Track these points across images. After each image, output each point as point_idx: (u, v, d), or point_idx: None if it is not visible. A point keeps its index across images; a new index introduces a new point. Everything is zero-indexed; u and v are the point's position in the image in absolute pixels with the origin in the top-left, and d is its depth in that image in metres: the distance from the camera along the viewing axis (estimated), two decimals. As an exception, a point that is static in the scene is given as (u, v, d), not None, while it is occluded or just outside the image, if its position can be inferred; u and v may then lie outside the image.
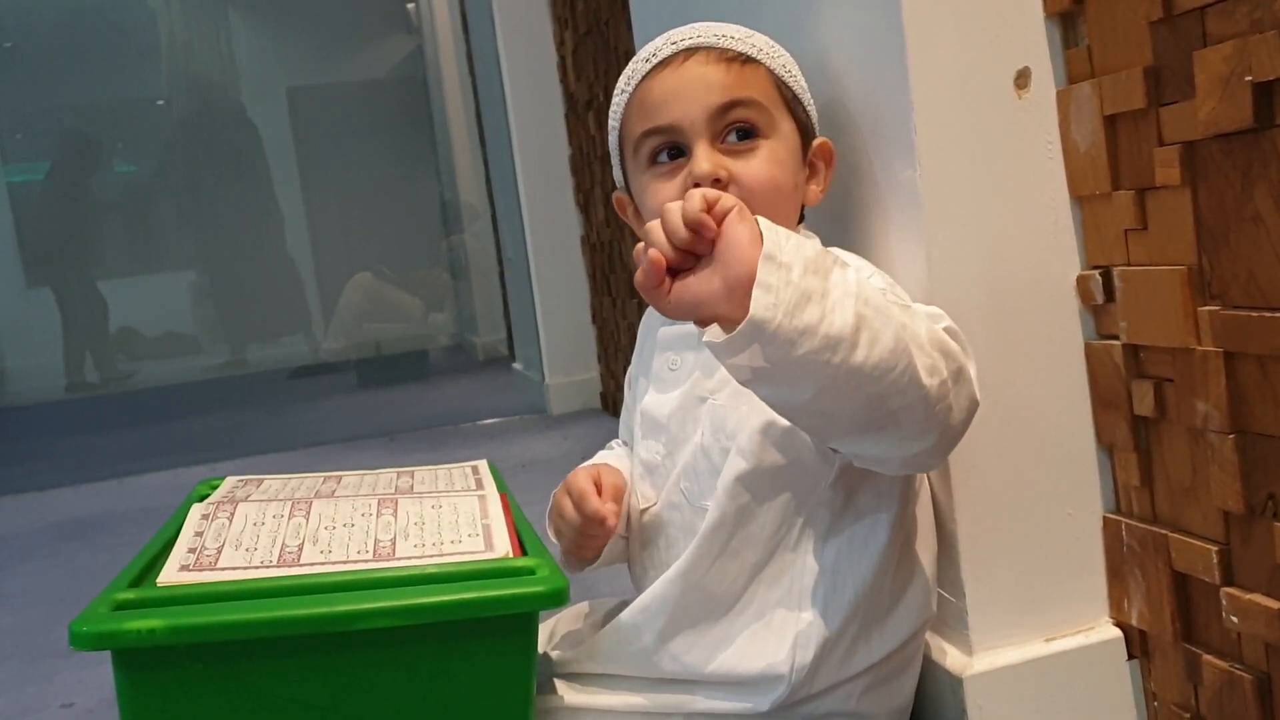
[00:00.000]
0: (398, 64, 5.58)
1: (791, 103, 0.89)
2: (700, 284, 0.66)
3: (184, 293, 5.62)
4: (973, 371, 0.73)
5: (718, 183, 0.84)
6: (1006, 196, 0.86)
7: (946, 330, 0.73)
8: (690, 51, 0.87)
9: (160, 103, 5.64)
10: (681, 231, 0.66)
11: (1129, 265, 0.82)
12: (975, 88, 0.85)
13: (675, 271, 0.67)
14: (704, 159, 0.84)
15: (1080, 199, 0.87)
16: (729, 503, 0.82)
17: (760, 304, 0.63)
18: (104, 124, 5.52)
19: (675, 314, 0.68)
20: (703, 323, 0.67)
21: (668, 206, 0.67)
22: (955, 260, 0.86)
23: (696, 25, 0.89)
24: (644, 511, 0.91)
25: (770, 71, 0.88)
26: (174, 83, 5.58)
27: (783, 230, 0.66)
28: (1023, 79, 0.86)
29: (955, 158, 0.85)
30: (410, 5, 5.34)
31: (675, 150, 0.87)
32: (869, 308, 0.65)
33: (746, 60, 0.87)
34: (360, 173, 5.45)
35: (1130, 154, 0.81)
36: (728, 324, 0.65)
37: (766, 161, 0.86)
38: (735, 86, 0.86)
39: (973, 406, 0.73)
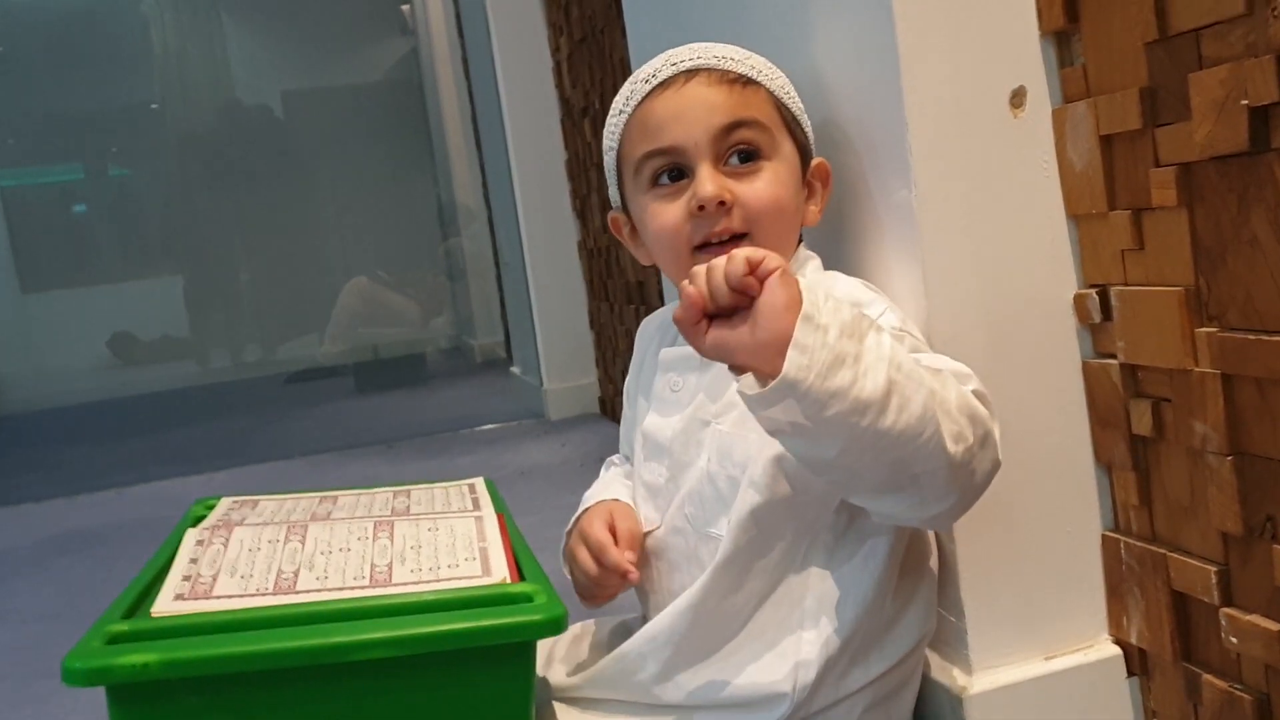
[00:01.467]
0: (392, 67, 5.57)
1: (791, 123, 0.89)
2: (737, 337, 0.67)
3: (179, 297, 5.61)
4: (997, 434, 0.73)
5: (722, 205, 0.84)
6: (1002, 216, 0.86)
7: (975, 393, 0.73)
8: (691, 73, 0.87)
9: (154, 107, 5.62)
10: (724, 293, 0.67)
11: (1126, 285, 0.82)
12: (970, 107, 0.85)
13: (713, 315, 0.68)
14: (708, 180, 0.84)
15: (1077, 218, 0.86)
16: (742, 536, 0.81)
17: (794, 364, 0.64)
18: (97, 128, 5.51)
19: (709, 355, 0.69)
20: (736, 370, 0.68)
21: (713, 264, 0.68)
22: (951, 280, 0.86)
23: (695, 46, 0.89)
24: (647, 534, 0.91)
25: (771, 93, 0.88)
26: (167, 87, 5.56)
27: (822, 291, 0.67)
28: (1018, 98, 0.86)
29: (951, 177, 0.85)
30: (405, 8, 5.33)
31: (677, 172, 0.87)
32: (901, 374, 0.66)
33: (748, 82, 0.87)
34: (356, 176, 5.44)
35: (1126, 174, 0.80)
36: (761, 377, 0.66)
37: (770, 183, 0.85)
38: (738, 108, 0.85)
39: (994, 469, 0.73)
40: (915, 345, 0.80)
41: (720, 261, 0.68)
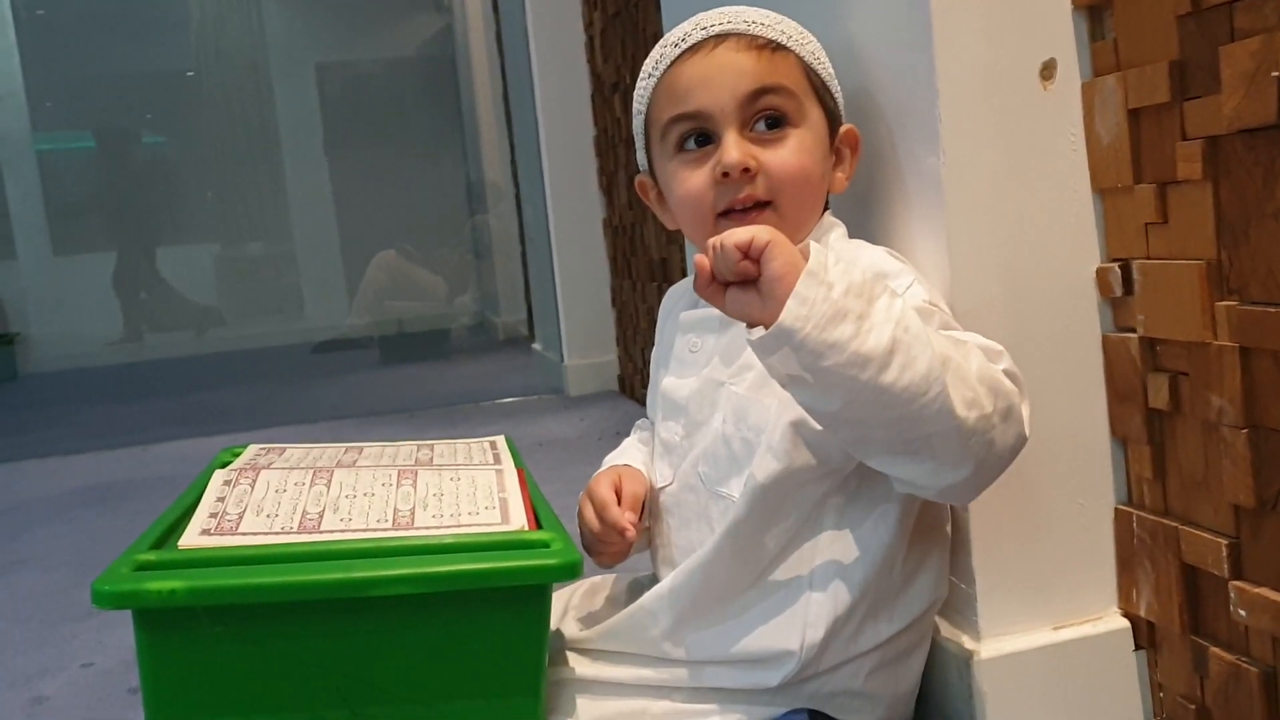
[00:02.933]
0: (426, 42, 5.59)
1: (820, 90, 0.89)
2: (750, 300, 0.70)
3: (209, 264, 5.66)
4: (1025, 411, 0.74)
5: (746, 172, 0.84)
6: (1028, 187, 0.87)
7: (1005, 371, 0.74)
8: (720, 38, 0.87)
9: (190, 74, 5.66)
10: (730, 273, 0.70)
11: (1148, 259, 0.83)
12: (1001, 77, 0.85)
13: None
14: (733, 147, 0.85)
15: (1102, 191, 0.87)
16: (757, 501, 0.82)
17: (791, 313, 0.66)
18: (133, 94, 5.56)
19: (731, 314, 0.72)
20: (751, 325, 0.71)
21: (718, 243, 0.70)
22: (975, 248, 0.86)
23: (725, 10, 0.89)
24: (660, 490, 0.93)
25: (800, 58, 0.88)
26: (203, 55, 5.60)
27: (835, 255, 0.69)
28: (1048, 70, 0.86)
29: (979, 146, 0.85)
30: (441, -17, 5.34)
31: (703, 137, 0.87)
32: (908, 335, 0.68)
33: (777, 47, 0.87)
34: (387, 150, 5.47)
35: (1153, 148, 0.81)
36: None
37: (796, 151, 0.86)
38: (766, 74, 0.86)
39: (1019, 444, 0.74)
40: (945, 321, 0.80)
41: (726, 239, 0.69)
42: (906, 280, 0.82)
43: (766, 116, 0.86)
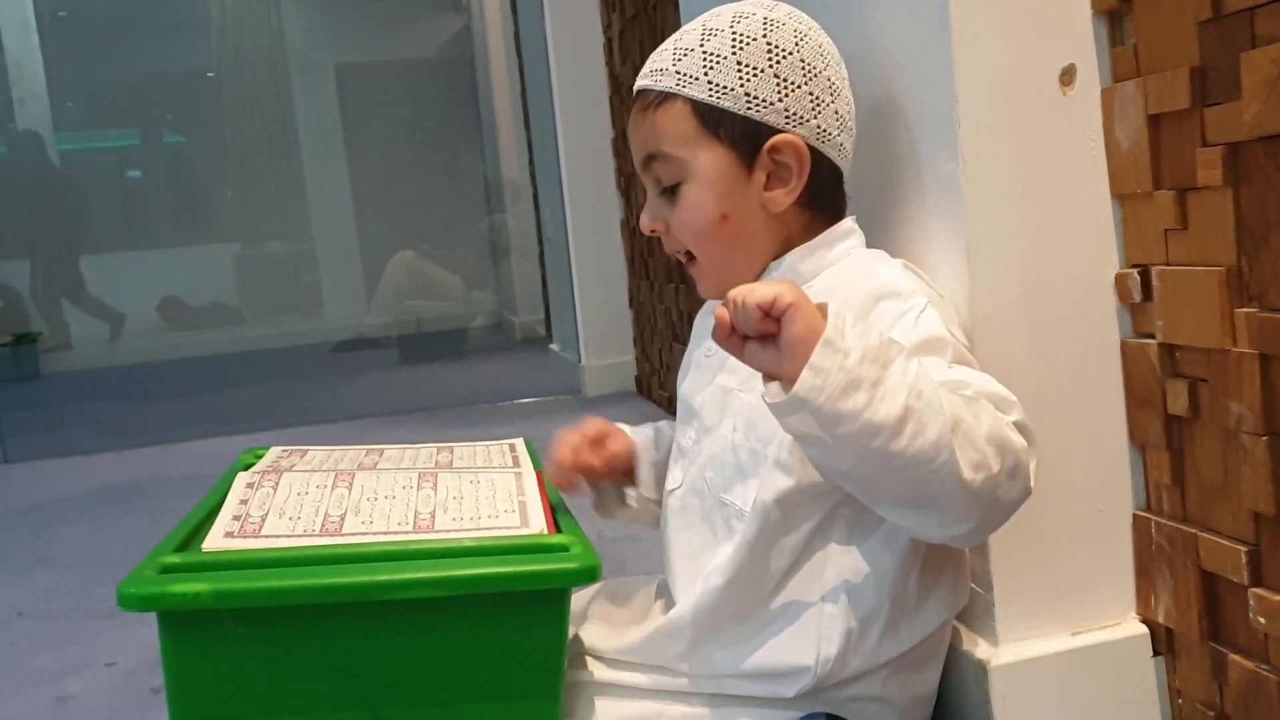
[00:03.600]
0: (445, 43, 5.60)
1: (716, 125, 0.86)
2: (769, 357, 0.70)
3: (229, 264, 5.69)
4: (1033, 465, 0.74)
5: (655, 234, 0.92)
6: (1048, 193, 0.87)
7: (1016, 424, 0.74)
8: (636, 96, 0.91)
9: (210, 75, 5.70)
10: (751, 329, 0.70)
11: (1168, 265, 0.83)
12: (1020, 83, 0.86)
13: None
14: (644, 213, 0.92)
15: (1121, 197, 0.87)
16: (768, 516, 0.82)
17: (806, 384, 0.67)
18: (154, 95, 5.60)
19: (748, 365, 0.73)
20: (767, 379, 0.72)
21: (739, 299, 0.70)
22: (994, 254, 0.86)
23: (663, 45, 0.90)
24: (670, 492, 0.93)
25: (690, 100, 0.86)
26: (223, 56, 5.64)
27: (850, 316, 0.69)
28: (1068, 76, 0.86)
29: (998, 152, 0.86)
30: (460, -15, 5.36)
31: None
32: (921, 401, 0.68)
33: (661, 100, 0.88)
34: (405, 150, 5.49)
35: (1173, 154, 0.81)
36: (786, 385, 0.69)
37: (685, 208, 0.88)
38: (648, 141, 0.89)
39: (1023, 498, 0.74)
40: (959, 354, 0.80)
41: (748, 298, 0.69)
42: (920, 303, 0.81)
43: (661, 183, 0.90)
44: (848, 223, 0.91)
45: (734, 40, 0.86)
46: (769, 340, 0.70)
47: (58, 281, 5.30)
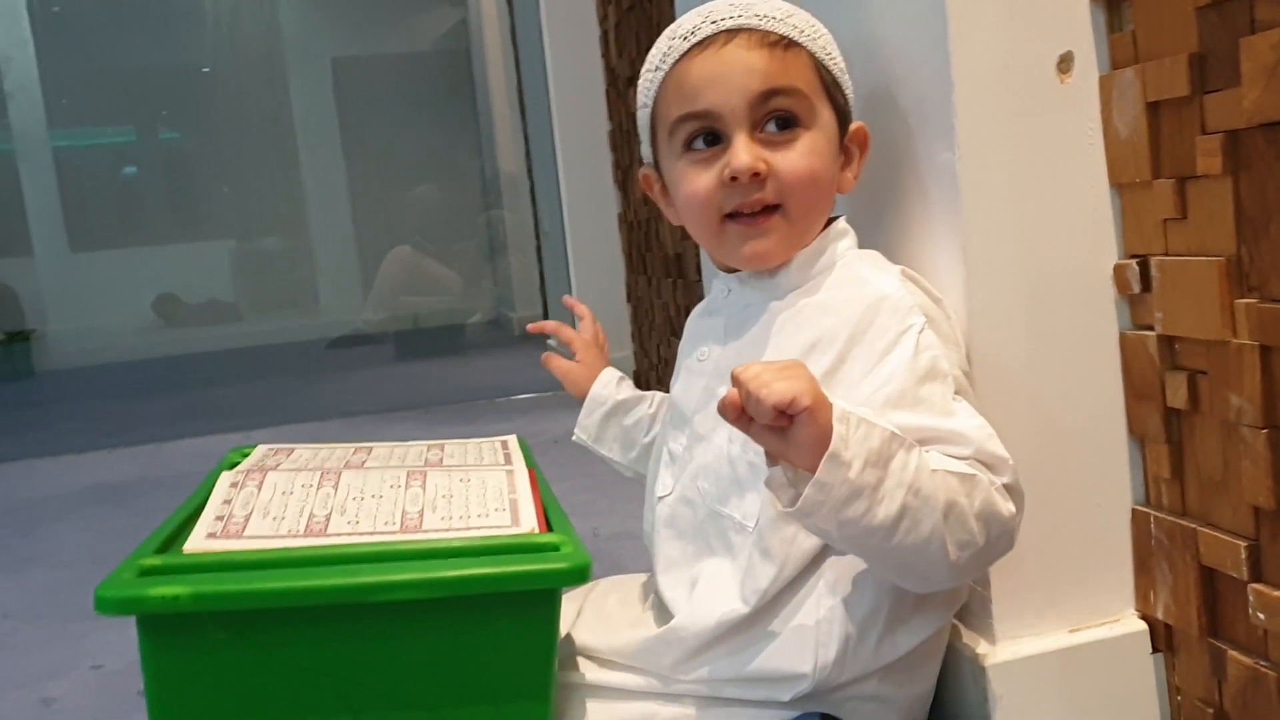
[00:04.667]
0: (441, 36, 5.58)
1: (831, 88, 0.87)
2: (777, 445, 0.71)
3: (225, 261, 5.68)
4: (1018, 522, 0.76)
5: (756, 176, 0.83)
6: (1045, 182, 0.85)
7: (1006, 486, 0.75)
8: (731, 33, 0.84)
9: (205, 70, 5.68)
10: (764, 418, 0.69)
11: (1167, 255, 0.81)
12: (1017, 71, 0.84)
13: None
14: (743, 150, 0.83)
15: (1120, 187, 0.85)
16: (767, 535, 0.81)
17: (809, 500, 0.69)
18: (149, 90, 5.57)
19: (756, 443, 0.73)
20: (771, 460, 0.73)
21: (753, 391, 0.68)
22: (991, 244, 0.85)
23: (736, 2, 0.86)
24: (660, 499, 0.92)
25: (812, 55, 0.85)
26: (219, 51, 5.61)
27: (855, 416, 0.69)
28: (1065, 63, 0.84)
29: (994, 142, 0.84)
30: (455, -23, 5.34)
31: (711, 136, 0.85)
32: (919, 499, 0.70)
33: (789, 44, 0.84)
34: (402, 145, 5.48)
35: (1172, 142, 0.79)
36: (789, 471, 0.72)
37: (807, 154, 0.84)
38: (777, 74, 0.83)
39: (1005, 552, 0.77)
40: (959, 383, 0.79)
41: (765, 398, 0.67)
42: (919, 322, 0.79)
43: (777, 118, 0.84)
44: (842, 223, 0.90)
45: (808, 17, 0.88)
46: (779, 429, 0.70)
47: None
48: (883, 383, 0.78)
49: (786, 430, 0.69)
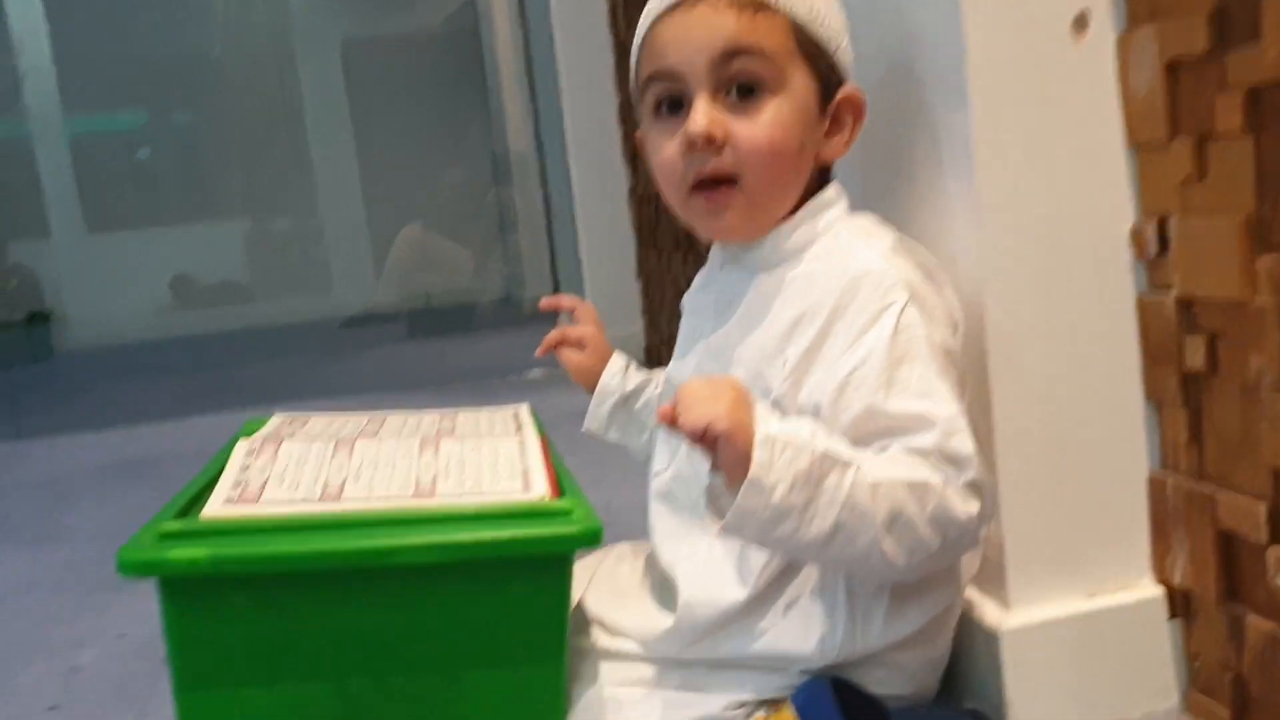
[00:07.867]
0: (451, 15, 5.56)
1: (810, 52, 0.83)
2: (711, 458, 0.73)
3: (238, 242, 5.69)
4: (979, 521, 0.75)
5: (711, 142, 0.80)
6: (1061, 143, 0.84)
7: (969, 483, 0.73)
8: None
9: (216, 51, 5.68)
10: (688, 443, 0.72)
11: (1185, 215, 0.80)
12: (1032, 30, 0.83)
13: None
14: (700, 114, 0.80)
15: (1137, 147, 0.84)
16: None
17: (732, 525, 0.71)
18: (160, 71, 5.58)
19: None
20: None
21: (677, 413, 0.71)
22: (1005, 207, 0.84)
23: None
24: (655, 475, 0.92)
25: (788, 18, 0.82)
26: (229, 32, 5.61)
27: (781, 440, 0.70)
28: (1081, 22, 0.83)
29: (1009, 102, 0.83)
30: (464, -45, 5.31)
31: (675, 102, 0.83)
32: (854, 515, 0.71)
33: (760, 7, 0.81)
34: (412, 125, 5.47)
35: (1190, 100, 0.78)
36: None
37: (768, 124, 0.81)
38: (742, 33, 0.80)
39: (969, 548, 0.81)
40: (942, 362, 0.77)
41: (683, 421, 0.70)
42: (901, 299, 0.77)
43: (740, 84, 0.81)
44: (831, 190, 0.87)
45: None
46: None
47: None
48: (859, 361, 0.75)
49: (714, 448, 0.70)
